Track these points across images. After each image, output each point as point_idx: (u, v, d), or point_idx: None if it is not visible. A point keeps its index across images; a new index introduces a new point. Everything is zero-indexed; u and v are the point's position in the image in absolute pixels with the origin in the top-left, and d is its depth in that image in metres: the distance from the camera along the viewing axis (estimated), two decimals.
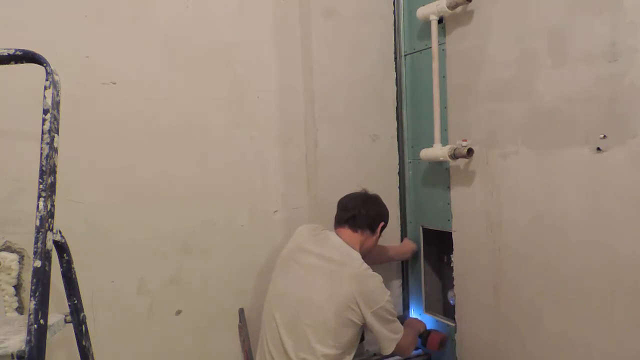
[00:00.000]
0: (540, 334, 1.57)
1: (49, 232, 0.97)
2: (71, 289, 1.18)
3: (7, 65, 1.07)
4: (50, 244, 0.98)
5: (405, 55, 2.11)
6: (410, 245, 2.10)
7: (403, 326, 1.72)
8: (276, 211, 1.95)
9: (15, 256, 1.50)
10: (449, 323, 1.96)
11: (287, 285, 1.65)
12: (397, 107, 2.13)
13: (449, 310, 2.05)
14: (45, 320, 0.93)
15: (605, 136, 1.35)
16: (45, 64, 1.05)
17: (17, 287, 1.51)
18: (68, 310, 1.19)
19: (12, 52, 1.05)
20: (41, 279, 0.93)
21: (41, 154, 1.00)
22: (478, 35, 1.73)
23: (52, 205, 1.00)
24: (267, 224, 1.93)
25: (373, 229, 1.76)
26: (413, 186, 2.13)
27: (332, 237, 1.71)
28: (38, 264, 0.93)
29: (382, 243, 2.03)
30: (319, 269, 1.62)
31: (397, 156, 2.15)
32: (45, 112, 1.02)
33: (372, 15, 2.08)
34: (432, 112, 1.87)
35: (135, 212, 1.68)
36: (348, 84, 2.03)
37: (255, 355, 1.72)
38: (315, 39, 1.96)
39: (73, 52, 1.57)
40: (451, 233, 1.91)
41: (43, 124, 1.01)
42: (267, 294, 1.71)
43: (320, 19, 1.97)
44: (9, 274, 1.49)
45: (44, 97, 1.02)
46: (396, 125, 2.14)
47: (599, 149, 1.36)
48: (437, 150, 1.83)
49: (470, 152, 1.72)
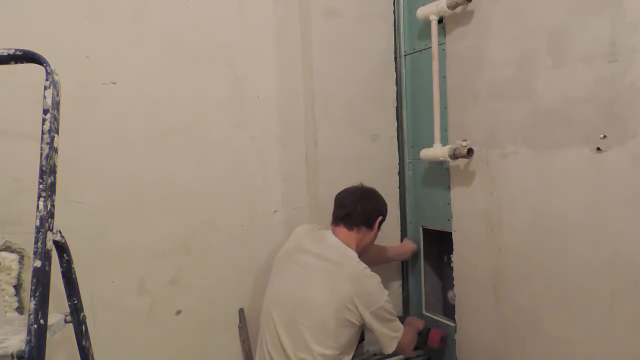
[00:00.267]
0: (540, 334, 1.57)
1: (49, 232, 0.97)
2: (71, 289, 1.18)
3: (7, 65, 1.07)
4: (50, 244, 0.98)
5: (405, 55, 2.11)
6: (410, 245, 2.10)
7: (403, 325, 1.71)
8: (276, 211, 1.95)
9: (15, 256, 1.50)
10: (449, 323, 1.96)
11: (285, 285, 1.65)
12: (397, 107, 2.13)
13: (449, 310, 2.05)
14: (45, 320, 0.93)
15: (605, 136, 1.35)
16: (45, 64, 1.05)
17: (17, 287, 1.51)
18: (68, 310, 1.19)
19: (12, 52, 1.05)
20: (41, 279, 0.93)
21: (41, 154, 1.00)
22: (478, 35, 1.73)
23: (52, 205, 1.00)
24: (267, 224, 1.93)
25: (370, 225, 1.74)
26: (413, 186, 2.13)
27: (329, 237, 1.70)
28: (38, 264, 0.93)
29: (382, 243, 2.04)
30: (316, 268, 1.62)
31: (397, 156, 2.15)
32: (45, 112, 1.01)
33: (372, 15, 2.08)
34: (432, 112, 1.87)
35: (136, 212, 1.68)
36: (348, 84, 2.03)
37: (255, 355, 1.72)
38: (315, 39, 1.96)
39: (73, 52, 1.57)
40: (451, 233, 1.91)
41: (43, 124, 1.01)
42: (266, 293, 1.71)
43: (321, 19, 1.97)
44: (9, 274, 1.49)
45: (44, 97, 1.02)
46: (396, 125, 2.14)
47: (599, 149, 1.36)
48: (437, 150, 1.83)
49: (470, 152, 1.72)
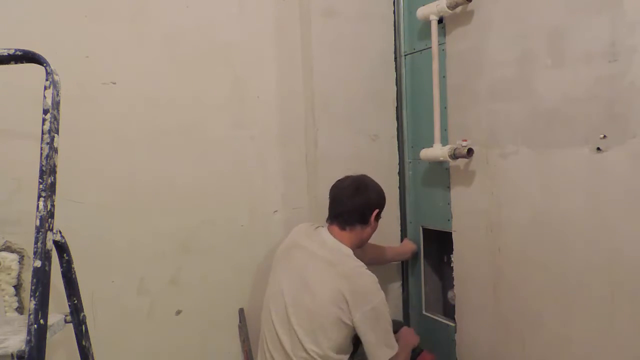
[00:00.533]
0: (540, 334, 1.57)
1: (49, 232, 0.97)
2: (71, 289, 1.18)
3: (7, 65, 1.07)
4: (50, 244, 0.98)
5: (405, 55, 2.11)
6: (410, 245, 2.10)
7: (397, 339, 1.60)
8: (276, 211, 1.95)
9: (15, 256, 1.50)
10: (449, 323, 1.96)
11: (280, 284, 1.63)
12: (397, 107, 2.13)
13: (449, 310, 2.05)
14: (45, 320, 0.93)
15: (605, 136, 1.35)
16: (45, 64, 1.05)
17: (17, 287, 1.51)
18: (68, 310, 1.19)
19: (12, 52, 1.05)
20: (41, 279, 0.93)
21: (41, 154, 1.00)
22: (478, 35, 1.73)
23: (52, 205, 1.00)
24: (267, 224, 1.93)
25: (365, 220, 1.66)
26: (413, 186, 2.13)
27: (324, 234, 1.66)
28: (38, 264, 0.93)
29: (382, 244, 2.04)
30: (310, 266, 1.59)
31: (397, 156, 2.15)
32: (45, 112, 1.02)
33: (372, 15, 2.08)
34: (432, 112, 1.87)
35: (135, 212, 1.68)
36: (348, 84, 2.03)
37: (257, 354, 1.72)
38: (315, 39, 1.96)
39: (73, 52, 1.57)
40: (451, 233, 1.91)
41: (43, 124, 1.01)
42: (265, 292, 1.71)
43: (320, 19, 1.97)
44: (9, 274, 1.49)
45: (44, 97, 1.02)
46: (396, 125, 2.14)
47: (599, 149, 1.36)
48: (437, 150, 1.83)
49: (470, 152, 1.72)
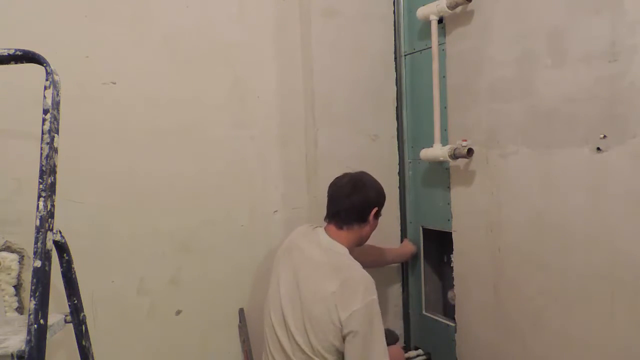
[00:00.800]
0: (540, 334, 1.57)
1: (49, 232, 0.97)
2: (71, 289, 1.18)
3: (7, 65, 1.07)
4: (50, 244, 0.98)
5: (405, 55, 2.11)
6: (409, 247, 2.09)
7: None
8: (276, 211, 1.95)
9: (15, 256, 1.50)
10: (449, 323, 1.96)
11: (279, 284, 1.61)
12: (397, 107, 2.14)
13: (449, 310, 2.05)
14: (45, 320, 0.93)
15: (605, 136, 1.35)
16: (45, 64, 1.05)
17: (17, 287, 1.50)
18: (68, 310, 1.19)
19: (12, 52, 1.05)
20: (41, 279, 0.93)
21: (41, 154, 1.00)
22: (478, 35, 1.73)
23: (52, 205, 1.00)
24: (267, 224, 1.93)
25: (363, 219, 1.62)
26: (413, 186, 2.13)
27: (320, 234, 1.63)
28: (38, 264, 0.93)
29: (381, 245, 2.04)
30: (304, 267, 1.57)
31: (397, 156, 2.15)
32: (45, 112, 1.01)
33: (372, 15, 2.08)
34: (432, 112, 1.87)
35: (135, 212, 1.68)
36: (348, 84, 2.03)
37: (261, 355, 1.71)
38: (315, 39, 1.96)
39: (73, 52, 1.57)
40: (451, 233, 1.91)
41: (43, 124, 1.01)
42: (267, 293, 1.70)
43: (321, 19, 1.97)
44: (9, 274, 1.49)
45: (44, 97, 1.02)
46: (396, 125, 2.14)
47: (599, 149, 1.36)
48: (437, 150, 1.83)
49: (470, 152, 1.72)
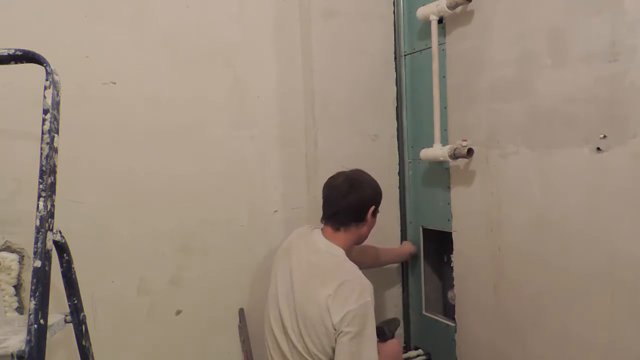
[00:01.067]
0: (540, 334, 1.57)
1: (49, 232, 0.97)
2: (71, 289, 1.18)
3: (7, 65, 1.07)
4: (50, 244, 0.98)
5: (405, 55, 2.11)
6: (408, 247, 2.09)
7: (378, 349, 1.48)
8: (276, 211, 1.95)
9: (15, 256, 1.50)
10: (449, 323, 1.96)
11: (277, 287, 1.60)
12: (397, 107, 2.14)
13: (449, 310, 2.05)
14: (45, 320, 0.93)
15: (605, 136, 1.35)
16: (45, 64, 1.05)
17: (17, 287, 1.50)
18: (68, 310, 1.19)
19: (12, 52, 1.05)
20: (41, 279, 0.92)
21: (41, 154, 0.99)
22: (478, 35, 1.73)
23: (52, 205, 1.00)
24: (267, 224, 1.93)
25: (361, 218, 1.60)
26: (413, 186, 2.13)
27: (317, 236, 1.62)
28: (38, 264, 0.93)
29: (382, 245, 2.04)
30: (299, 270, 1.55)
31: (397, 156, 2.15)
32: (45, 112, 1.01)
33: (372, 15, 2.08)
34: (432, 112, 1.87)
35: (135, 212, 1.68)
36: (348, 84, 2.03)
37: (262, 357, 1.70)
38: (315, 39, 1.96)
39: (73, 52, 1.57)
40: (451, 233, 1.91)
41: (43, 124, 1.01)
42: (267, 295, 1.70)
43: (320, 19, 1.97)
44: (9, 274, 1.49)
45: (44, 97, 1.02)
46: (396, 125, 2.14)
47: (599, 149, 1.36)
48: (437, 150, 1.83)
49: (470, 152, 1.72)
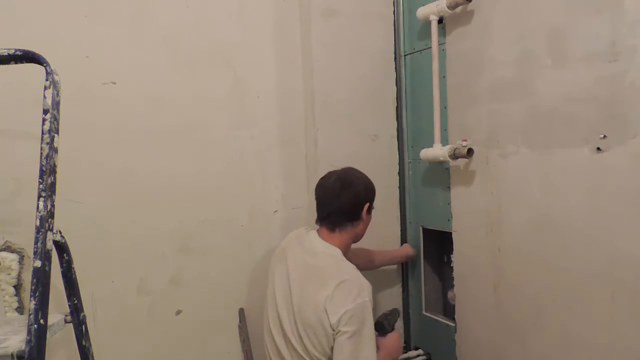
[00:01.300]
0: (540, 334, 1.57)
1: (49, 232, 0.97)
2: (71, 289, 1.18)
3: (7, 65, 1.07)
4: (50, 244, 0.98)
5: (405, 55, 2.11)
6: (406, 249, 2.08)
7: (377, 344, 1.49)
8: (276, 211, 1.95)
9: (15, 256, 1.50)
10: (449, 323, 1.96)
11: (275, 290, 1.59)
12: (397, 107, 2.14)
13: (449, 310, 2.05)
14: (45, 320, 0.93)
15: (605, 136, 1.35)
16: (45, 64, 1.05)
17: (17, 287, 1.50)
18: (68, 310, 1.19)
19: (12, 52, 1.05)
20: (41, 279, 0.93)
21: (41, 154, 1.00)
22: (478, 35, 1.73)
23: (52, 205, 1.00)
24: (267, 224, 1.93)
25: (356, 217, 1.58)
26: (413, 186, 2.13)
27: (313, 238, 1.60)
28: (38, 264, 0.93)
29: (382, 246, 2.04)
30: (296, 272, 1.54)
31: (397, 156, 2.15)
32: (45, 112, 1.01)
33: (372, 15, 2.08)
34: (432, 112, 1.87)
35: (135, 212, 1.68)
36: (348, 84, 2.03)
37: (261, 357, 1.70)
38: (315, 39, 1.96)
39: (73, 52, 1.57)
40: (451, 233, 1.91)
41: (43, 124, 1.01)
42: (266, 298, 1.69)
43: (320, 18, 1.97)
44: (9, 274, 1.49)
45: (44, 97, 1.02)
46: (396, 125, 2.14)
47: (599, 149, 1.36)
48: (437, 150, 1.83)
49: (470, 152, 1.72)
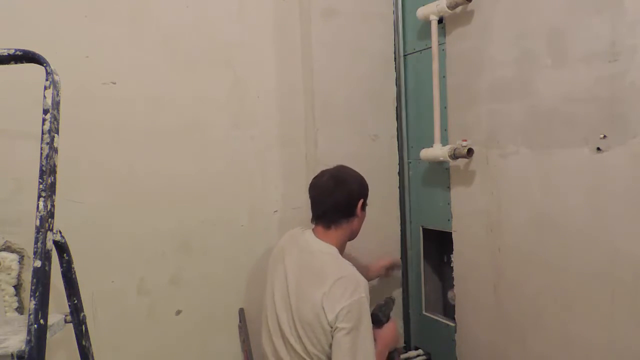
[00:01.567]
0: (540, 334, 1.57)
1: (49, 232, 0.97)
2: (71, 289, 1.18)
3: (7, 65, 1.07)
4: (50, 244, 0.98)
5: (405, 55, 2.11)
6: (382, 261, 2.03)
7: (374, 337, 1.49)
8: (276, 211, 1.95)
9: (15, 256, 1.50)
10: (449, 323, 1.96)
11: (273, 292, 1.59)
12: (397, 107, 2.14)
13: (449, 310, 2.05)
14: (45, 320, 0.93)
15: (605, 136, 1.35)
16: (45, 64, 1.05)
17: (17, 287, 1.51)
18: (68, 310, 1.19)
19: (12, 52, 1.05)
20: (41, 279, 0.93)
21: (41, 154, 1.00)
22: (478, 35, 1.73)
23: (52, 205, 1.00)
24: (267, 224, 1.93)
25: (351, 214, 1.59)
26: (413, 186, 2.13)
27: (309, 237, 1.61)
28: (38, 264, 0.93)
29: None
30: (295, 272, 1.54)
31: (397, 156, 2.15)
32: (45, 112, 1.01)
33: (372, 15, 2.08)
34: (432, 112, 1.87)
35: (135, 212, 1.68)
36: (348, 84, 2.03)
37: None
38: (315, 39, 1.96)
39: (73, 52, 1.57)
40: (451, 233, 1.91)
41: (43, 124, 1.01)
42: (264, 300, 1.69)
43: (320, 18, 1.97)
44: (9, 274, 1.49)
45: (44, 97, 1.02)
46: (396, 125, 2.14)
47: (599, 149, 1.36)
48: (437, 150, 1.83)
49: (470, 152, 1.72)
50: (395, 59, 2.13)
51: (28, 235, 1.06)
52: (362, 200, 1.62)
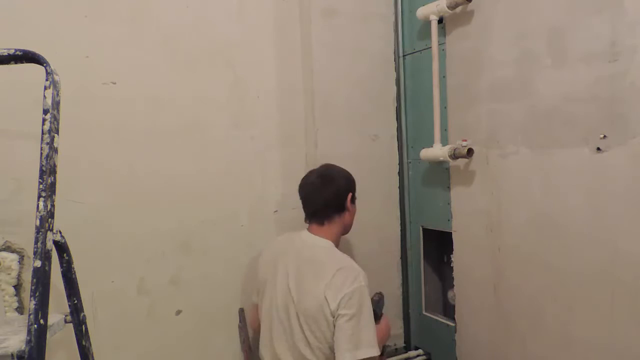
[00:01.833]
0: (540, 334, 1.57)
1: (49, 232, 0.97)
2: (71, 289, 1.18)
3: (7, 65, 1.07)
4: (50, 244, 0.98)
5: (405, 56, 2.11)
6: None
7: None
8: (276, 211, 1.95)
9: (15, 256, 1.50)
10: (449, 323, 1.96)
11: (272, 298, 1.59)
12: (397, 107, 2.14)
13: (449, 310, 2.05)
14: (45, 320, 0.93)
15: (605, 136, 1.35)
16: (45, 64, 1.05)
17: (17, 287, 1.50)
18: (68, 310, 1.19)
19: (12, 52, 1.05)
20: (41, 279, 0.92)
21: (41, 154, 0.99)
22: (478, 35, 1.73)
23: (52, 205, 1.00)
24: (267, 224, 1.93)
25: (342, 208, 1.63)
26: (413, 186, 2.13)
27: (304, 235, 1.63)
28: (38, 264, 0.93)
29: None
30: (295, 269, 1.55)
31: (397, 156, 2.15)
32: (45, 112, 1.01)
33: (372, 15, 2.08)
34: (432, 112, 1.87)
35: (135, 212, 1.68)
36: (348, 84, 2.04)
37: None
38: (315, 39, 1.96)
39: (73, 52, 1.57)
40: (451, 233, 1.91)
41: (43, 124, 1.01)
42: (262, 305, 1.69)
43: (320, 19, 1.97)
44: (9, 274, 1.49)
45: (44, 97, 1.02)
46: (396, 125, 2.14)
47: (599, 149, 1.36)
48: (437, 150, 1.83)
49: (470, 152, 1.72)
50: (395, 59, 2.13)
51: (28, 235, 1.06)
52: (350, 194, 1.66)
